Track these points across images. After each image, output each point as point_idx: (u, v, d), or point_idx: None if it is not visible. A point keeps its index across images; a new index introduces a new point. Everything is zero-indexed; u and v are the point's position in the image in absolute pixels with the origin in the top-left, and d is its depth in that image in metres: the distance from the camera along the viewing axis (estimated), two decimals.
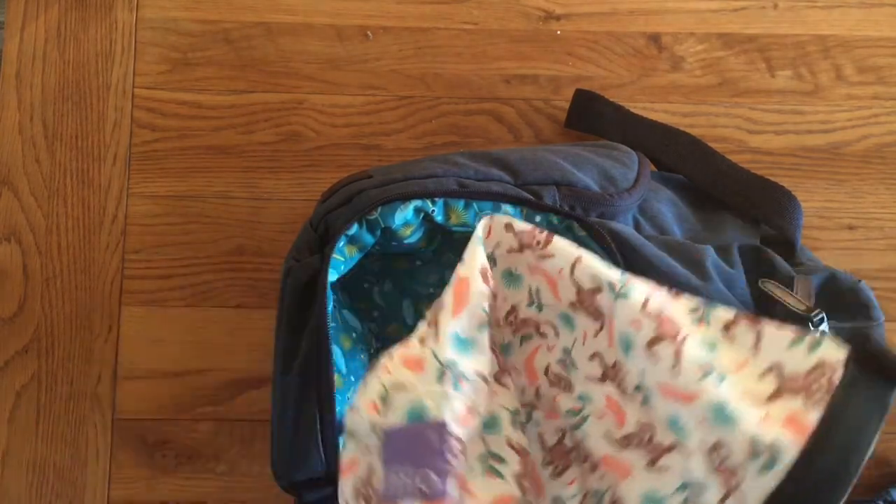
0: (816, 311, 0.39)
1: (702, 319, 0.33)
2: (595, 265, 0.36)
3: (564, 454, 0.37)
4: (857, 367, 0.30)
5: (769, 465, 0.29)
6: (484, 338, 0.38)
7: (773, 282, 0.42)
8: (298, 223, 0.58)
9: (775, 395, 0.31)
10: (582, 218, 0.43)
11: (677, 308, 0.34)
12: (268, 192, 0.59)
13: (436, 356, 0.36)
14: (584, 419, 0.37)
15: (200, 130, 0.59)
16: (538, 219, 0.43)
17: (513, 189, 0.44)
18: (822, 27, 0.61)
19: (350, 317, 0.50)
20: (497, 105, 0.60)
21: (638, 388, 0.34)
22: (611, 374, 0.36)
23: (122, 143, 0.59)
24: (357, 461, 0.36)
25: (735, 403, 0.31)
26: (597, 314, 0.36)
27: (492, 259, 0.40)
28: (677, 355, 0.32)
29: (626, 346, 0.34)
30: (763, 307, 0.43)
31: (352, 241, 0.43)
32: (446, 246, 0.55)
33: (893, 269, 0.60)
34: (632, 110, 0.57)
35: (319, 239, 0.43)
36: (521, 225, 0.39)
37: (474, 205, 0.43)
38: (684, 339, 0.32)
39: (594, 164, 0.46)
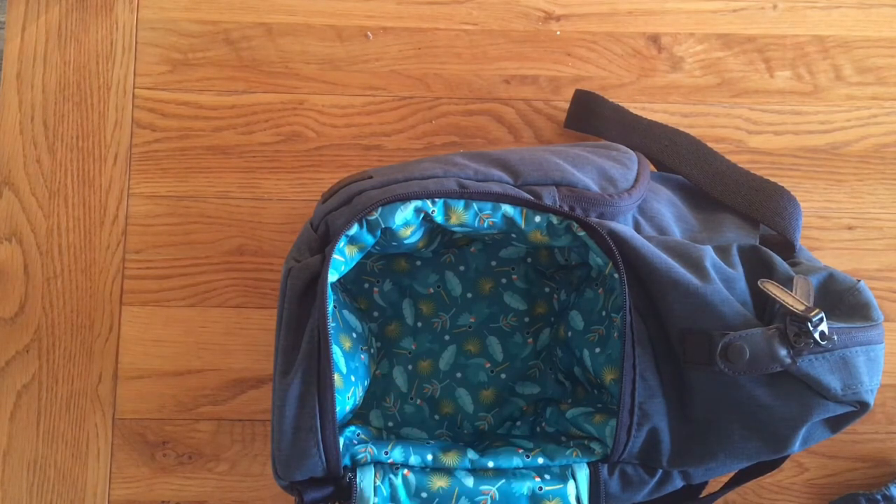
0: (815, 311, 0.40)
1: None
2: None
3: None
4: None
5: None
6: None
7: (772, 282, 0.42)
8: (298, 223, 0.58)
9: None
10: (581, 218, 0.43)
11: None
12: (268, 193, 0.59)
13: None
14: None
15: (201, 131, 0.59)
16: (538, 219, 0.43)
17: (513, 189, 0.44)
18: (821, 28, 0.62)
19: (350, 317, 0.50)
20: (497, 105, 0.60)
21: None
22: None
23: (122, 144, 0.59)
24: None
25: None
26: None
27: None
28: None
29: None
30: (762, 307, 0.43)
31: (352, 241, 0.43)
32: (446, 246, 0.55)
33: (892, 269, 0.60)
34: (631, 110, 0.57)
35: (320, 239, 0.43)
36: None
37: (474, 205, 0.43)
38: None
39: (594, 164, 0.46)
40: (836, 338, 0.40)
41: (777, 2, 0.62)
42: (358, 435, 0.45)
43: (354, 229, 0.42)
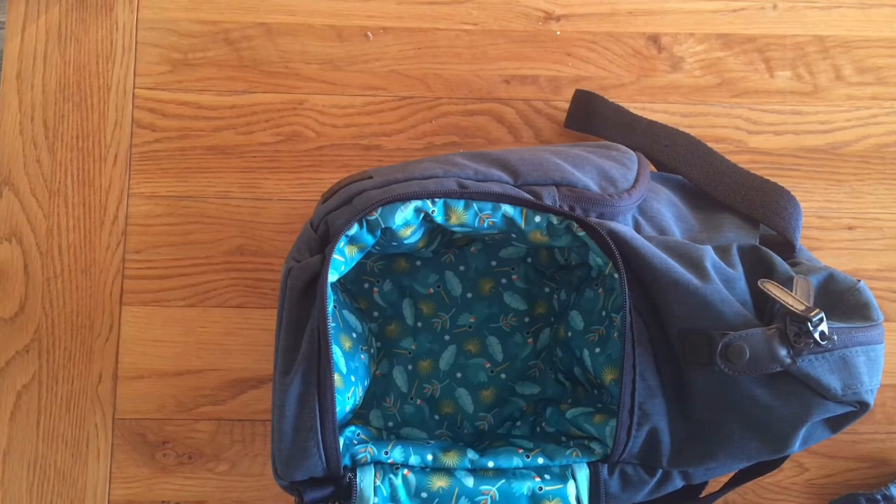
0: (815, 311, 0.40)
1: None
2: None
3: None
4: None
5: None
6: None
7: (772, 282, 0.42)
8: (298, 223, 0.59)
9: None
10: (581, 218, 0.43)
11: None
12: (268, 193, 0.59)
13: None
14: None
15: (201, 131, 0.59)
16: (538, 219, 0.43)
17: (513, 189, 0.44)
18: (821, 28, 0.62)
19: (350, 317, 0.50)
20: (497, 105, 0.60)
21: None
22: None
23: (122, 144, 0.59)
24: None
25: None
26: None
27: None
28: None
29: None
30: (762, 307, 0.43)
31: (352, 241, 0.43)
32: (446, 246, 0.55)
33: (892, 269, 0.60)
34: (631, 111, 0.57)
35: (320, 239, 0.43)
36: None
37: (474, 205, 0.43)
38: None
39: (594, 164, 0.46)
40: (836, 338, 0.40)
41: (777, 2, 0.62)
42: (358, 435, 0.45)
43: (354, 229, 0.42)
